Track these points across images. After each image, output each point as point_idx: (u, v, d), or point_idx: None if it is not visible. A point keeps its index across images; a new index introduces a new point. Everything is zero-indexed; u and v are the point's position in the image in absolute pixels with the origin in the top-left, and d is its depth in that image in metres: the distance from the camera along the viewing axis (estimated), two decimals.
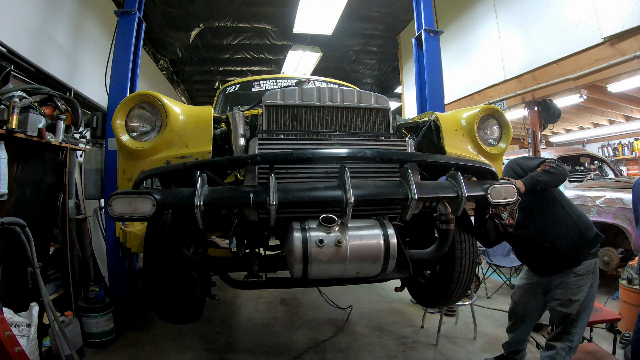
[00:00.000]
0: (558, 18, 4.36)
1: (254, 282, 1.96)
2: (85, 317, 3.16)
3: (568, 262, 2.20)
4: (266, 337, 3.46)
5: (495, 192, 1.83)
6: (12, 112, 2.57)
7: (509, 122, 2.09)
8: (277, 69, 8.58)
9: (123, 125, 1.73)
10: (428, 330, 3.57)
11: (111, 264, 3.58)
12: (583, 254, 2.19)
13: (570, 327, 2.18)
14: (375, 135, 1.95)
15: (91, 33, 5.01)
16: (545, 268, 2.31)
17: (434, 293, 2.46)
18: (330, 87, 2.00)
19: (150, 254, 1.98)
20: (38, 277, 2.37)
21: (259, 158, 1.59)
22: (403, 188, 1.62)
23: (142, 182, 1.65)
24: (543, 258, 2.28)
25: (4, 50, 3.14)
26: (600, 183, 4.90)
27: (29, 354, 2.20)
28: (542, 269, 2.34)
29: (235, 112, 1.92)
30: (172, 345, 3.22)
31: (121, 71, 3.51)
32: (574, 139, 10.22)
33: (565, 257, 2.20)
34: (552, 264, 2.25)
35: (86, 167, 3.35)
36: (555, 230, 2.21)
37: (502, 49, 5.34)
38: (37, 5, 3.82)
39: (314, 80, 3.64)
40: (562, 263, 2.22)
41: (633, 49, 3.53)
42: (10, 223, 2.32)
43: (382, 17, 7.11)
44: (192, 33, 6.94)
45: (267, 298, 4.53)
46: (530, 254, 2.37)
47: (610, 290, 4.25)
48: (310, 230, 1.58)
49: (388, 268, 1.68)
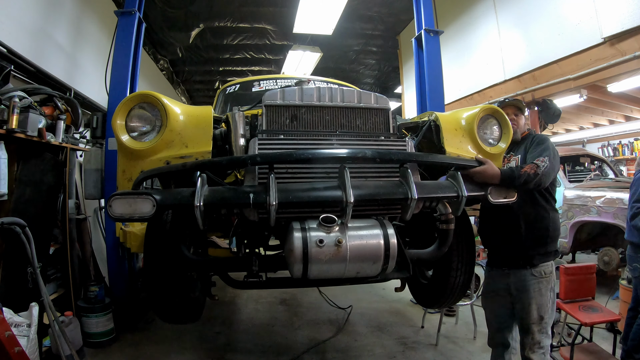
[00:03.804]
0: (558, 18, 4.36)
1: (254, 282, 1.95)
2: (85, 317, 3.17)
3: (523, 259, 2.16)
4: (266, 337, 3.46)
5: (495, 192, 1.84)
6: (12, 112, 2.57)
7: (509, 122, 2.09)
8: (277, 69, 8.58)
9: (123, 125, 1.72)
10: (428, 330, 3.57)
11: (111, 264, 3.58)
12: (539, 255, 2.15)
13: (540, 335, 2.12)
14: (375, 135, 1.95)
15: (91, 33, 5.02)
16: (503, 253, 2.26)
17: (433, 293, 2.47)
18: (330, 87, 2.00)
19: (150, 254, 1.98)
20: (38, 277, 2.37)
21: (258, 158, 1.59)
22: (403, 188, 1.62)
23: (142, 182, 1.65)
24: (505, 240, 2.22)
25: (4, 50, 3.14)
26: (600, 183, 4.90)
27: (29, 354, 2.20)
28: (500, 254, 2.29)
29: (235, 112, 1.92)
30: (172, 345, 3.23)
31: (121, 71, 3.52)
32: (574, 139, 10.22)
33: (523, 249, 2.15)
34: (510, 252, 2.20)
35: (86, 167, 3.35)
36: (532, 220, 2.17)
37: (502, 49, 5.34)
38: (37, 5, 3.82)
39: (314, 80, 3.63)
40: (518, 256, 2.17)
41: (633, 49, 3.53)
42: (11, 223, 2.32)
43: (382, 17, 7.11)
44: (192, 33, 6.95)
45: (267, 298, 4.53)
46: (496, 232, 2.28)
47: (610, 291, 4.26)
48: (310, 230, 1.58)
49: (388, 268, 1.68)
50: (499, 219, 2.24)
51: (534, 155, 2.08)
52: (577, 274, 3.05)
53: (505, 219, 2.19)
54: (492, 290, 2.36)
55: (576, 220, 4.67)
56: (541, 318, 2.12)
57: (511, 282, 2.22)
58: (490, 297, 2.38)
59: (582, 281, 3.05)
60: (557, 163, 2.13)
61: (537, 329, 2.12)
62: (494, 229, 2.32)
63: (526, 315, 2.14)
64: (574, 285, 3.01)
